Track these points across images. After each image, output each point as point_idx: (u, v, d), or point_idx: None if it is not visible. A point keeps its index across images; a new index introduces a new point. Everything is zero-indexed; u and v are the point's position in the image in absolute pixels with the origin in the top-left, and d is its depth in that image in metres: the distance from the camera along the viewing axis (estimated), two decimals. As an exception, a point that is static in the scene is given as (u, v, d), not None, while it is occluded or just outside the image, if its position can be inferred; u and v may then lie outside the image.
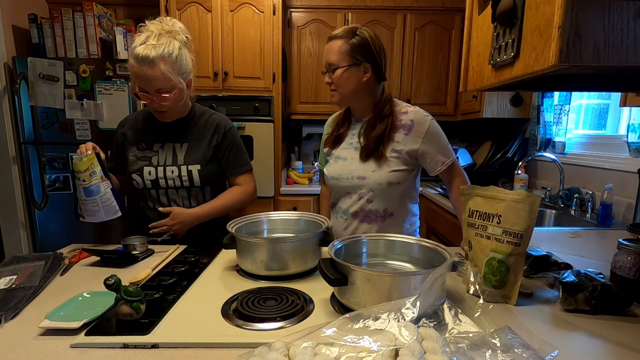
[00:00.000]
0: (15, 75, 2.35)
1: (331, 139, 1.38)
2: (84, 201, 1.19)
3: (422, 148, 1.24)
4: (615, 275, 0.86)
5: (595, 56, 0.55)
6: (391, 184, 1.25)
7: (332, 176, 1.33)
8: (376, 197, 1.27)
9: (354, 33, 1.20)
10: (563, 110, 2.19)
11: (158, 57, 1.17)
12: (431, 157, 1.25)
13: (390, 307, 0.70)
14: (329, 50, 1.22)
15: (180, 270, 1.04)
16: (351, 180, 1.28)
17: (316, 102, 2.92)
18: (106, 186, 1.20)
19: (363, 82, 1.23)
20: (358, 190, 1.28)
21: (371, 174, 1.25)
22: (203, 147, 1.36)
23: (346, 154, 1.32)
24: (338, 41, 1.21)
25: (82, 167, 1.15)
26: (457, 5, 2.80)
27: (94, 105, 2.38)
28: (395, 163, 1.24)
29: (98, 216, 1.20)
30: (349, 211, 1.31)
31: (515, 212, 0.85)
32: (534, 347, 0.65)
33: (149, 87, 1.20)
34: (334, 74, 1.22)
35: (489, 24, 0.78)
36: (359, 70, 1.22)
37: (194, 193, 1.38)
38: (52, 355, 0.67)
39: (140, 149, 1.36)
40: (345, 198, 1.32)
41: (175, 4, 2.51)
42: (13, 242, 2.55)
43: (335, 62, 1.21)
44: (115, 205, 1.22)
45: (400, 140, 1.24)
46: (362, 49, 1.20)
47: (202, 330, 0.74)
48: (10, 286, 0.92)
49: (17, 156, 2.49)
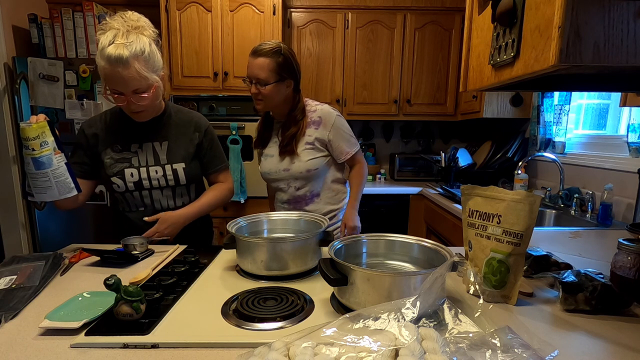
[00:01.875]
0: (15, 75, 2.35)
1: (259, 142, 1.60)
2: (33, 175, 1.05)
3: (329, 137, 1.48)
4: (615, 275, 0.86)
5: (595, 56, 0.55)
6: (310, 171, 1.48)
7: (265, 172, 1.57)
8: (302, 184, 1.51)
9: (279, 52, 1.38)
10: (563, 110, 2.19)
11: (131, 56, 1.11)
12: (337, 146, 1.50)
13: (390, 307, 0.70)
14: (257, 65, 1.38)
15: (180, 270, 1.04)
16: (279, 173, 1.52)
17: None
18: (59, 159, 1.08)
19: (285, 94, 1.45)
20: (286, 182, 1.52)
21: (292, 166, 1.48)
22: (184, 145, 1.35)
23: (273, 152, 1.54)
24: (266, 59, 1.37)
25: (32, 133, 1.02)
26: (457, 5, 2.80)
27: (94, 105, 2.38)
28: (310, 153, 1.48)
29: (50, 194, 1.07)
30: (283, 199, 1.56)
31: (515, 212, 0.85)
32: (534, 347, 0.65)
33: (124, 89, 1.15)
34: (263, 88, 1.39)
35: (489, 24, 0.78)
36: (284, 85, 1.43)
37: (179, 192, 1.37)
38: (52, 355, 0.67)
39: (116, 151, 1.30)
40: (280, 192, 1.57)
41: (175, 4, 2.51)
42: (13, 242, 2.55)
43: (265, 78, 1.38)
44: (70, 181, 1.10)
45: (312, 134, 1.48)
46: (287, 67, 1.41)
47: (202, 330, 0.74)
48: (10, 286, 0.92)
49: (17, 156, 2.49)
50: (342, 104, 2.91)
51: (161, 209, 1.35)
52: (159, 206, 1.36)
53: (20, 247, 2.55)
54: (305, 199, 1.53)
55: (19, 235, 2.55)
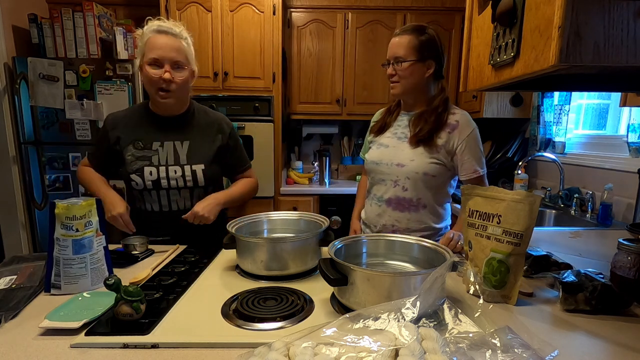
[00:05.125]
0: (15, 75, 2.35)
1: (377, 127, 1.44)
2: (68, 261, 0.91)
3: (461, 149, 1.28)
4: (615, 275, 0.86)
5: (595, 56, 0.55)
6: (427, 175, 1.29)
7: (372, 160, 1.39)
8: (411, 185, 1.31)
9: (423, 31, 1.27)
10: (563, 110, 2.19)
11: (181, 32, 1.23)
12: (465, 160, 1.28)
13: (390, 307, 0.70)
14: (398, 44, 1.27)
15: (180, 270, 1.04)
16: (390, 167, 1.33)
17: (316, 102, 2.92)
18: (100, 242, 0.96)
19: (425, 78, 1.29)
20: (394, 177, 1.33)
21: (410, 163, 1.30)
22: (206, 146, 1.33)
23: (388, 142, 1.38)
24: (408, 36, 1.26)
25: (80, 212, 0.92)
26: (457, 5, 2.80)
27: (94, 105, 2.38)
28: (436, 156, 1.29)
29: (81, 283, 0.92)
30: (383, 197, 1.36)
31: (515, 212, 0.85)
32: (534, 347, 0.65)
33: (167, 57, 1.20)
34: (400, 66, 1.27)
35: (489, 24, 0.78)
36: (424, 66, 1.28)
37: (197, 193, 1.34)
38: (52, 355, 0.67)
39: (138, 148, 1.30)
40: (381, 185, 1.37)
41: (175, 4, 2.51)
42: (13, 242, 2.55)
43: (404, 55, 1.26)
44: (105, 269, 0.97)
45: (443, 137, 1.29)
46: (430, 47, 1.27)
47: (202, 330, 0.74)
48: (10, 286, 0.92)
49: (17, 156, 2.49)
50: (342, 104, 2.91)
51: (178, 211, 1.33)
52: (176, 207, 1.33)
53: (20, 247, 2.55)
54: (411, 203, 1.32)
55: (19, 235, 2.55)
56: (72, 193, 2.49)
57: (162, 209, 1.33)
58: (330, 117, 2.95)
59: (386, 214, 1.36)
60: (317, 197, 2.77)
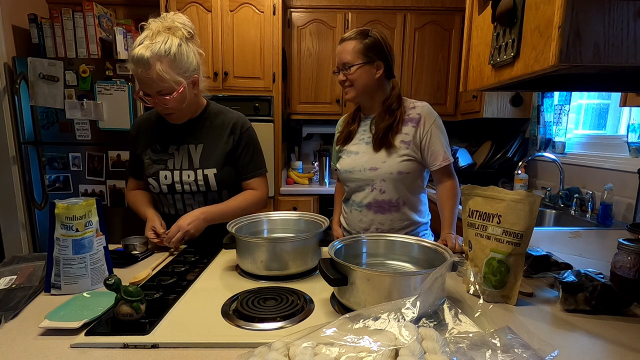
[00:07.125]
0: (15, 75, 2.35)
1: (342, 137, 1.45)
2: (68, 261, 0.91)
3: (426, 140, 1.31)
4: (615, 275, 0.86)
5: (595, 56, 0.55)
6: (401, 173, 1.31)
7: (345, 169, 1.40)
8: (388, 187, 1.33)
9: (366, 34, 1.29)
10: (563, 110, 2.19)
11: (153, 57, 1.10)
12: (434, 149, 1.31)
13: (390, 307, 0.70)
14: (343, 50, 1.30)
15: (180, 270, 1.04)
16: (363, 172, 1.35)
17: (316, 102, 2.92)
18: (99, 242, 0.96)
19: (376, 79, 1.31)
20: (370, 182, 1.34)
21: (382, 165, 1.31)
22: (219, 149, 1.30)
23: (357, 149, 1.39)
24: (352, 42, 1.29)
25: (79, 212, 0.92)
26: (457, 5, 2.80)
27: (94, 105, 2.38)
28: (405, 153, 1.31)
29: (81, 283, 0.92)
30: (362, 203, 1.37)
31: (515, 212, 0.84)
32: (534, 347, 0.65)
33: (149, 90, 1.15)
34: (349, 72, 1.29)
35: (489, 24, 0.78)
36: (372, 67, 1.30)
37: (210, 198, 1.31)
38: (52, 355, 0.67)
39: (155, 151, 1.29)
40: (359, 191, 1.38)
41: (175, 4, 2.51)
42: (13, 242, 2.55)
43: (350, 60, 1.29)
44: (105, 269, 0.98)
45: (409, 132, 1.31)
46: (375, 48, 1.29)
47: (202, 330, 0.74)
48: (10, 286, 0.92)
49: (17, 156, 2.49)
50: (342, 104, 2.91)
51: None
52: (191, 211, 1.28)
53: (20, 247, 2.55)
54: (390, 204, 1.34)
55: (19, 235, 2.55)
56: (72, 193, 2.49)
57: (178, 212, 1.31)
58: (330, 117, 2.95)
59: (368, 218, 1.37)
60: (317, 197, 2.77)
